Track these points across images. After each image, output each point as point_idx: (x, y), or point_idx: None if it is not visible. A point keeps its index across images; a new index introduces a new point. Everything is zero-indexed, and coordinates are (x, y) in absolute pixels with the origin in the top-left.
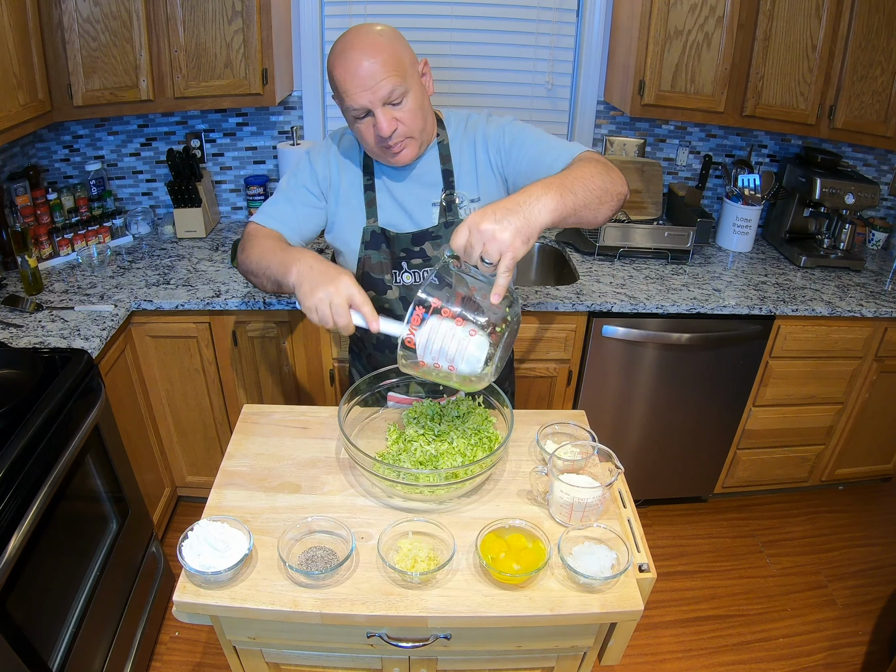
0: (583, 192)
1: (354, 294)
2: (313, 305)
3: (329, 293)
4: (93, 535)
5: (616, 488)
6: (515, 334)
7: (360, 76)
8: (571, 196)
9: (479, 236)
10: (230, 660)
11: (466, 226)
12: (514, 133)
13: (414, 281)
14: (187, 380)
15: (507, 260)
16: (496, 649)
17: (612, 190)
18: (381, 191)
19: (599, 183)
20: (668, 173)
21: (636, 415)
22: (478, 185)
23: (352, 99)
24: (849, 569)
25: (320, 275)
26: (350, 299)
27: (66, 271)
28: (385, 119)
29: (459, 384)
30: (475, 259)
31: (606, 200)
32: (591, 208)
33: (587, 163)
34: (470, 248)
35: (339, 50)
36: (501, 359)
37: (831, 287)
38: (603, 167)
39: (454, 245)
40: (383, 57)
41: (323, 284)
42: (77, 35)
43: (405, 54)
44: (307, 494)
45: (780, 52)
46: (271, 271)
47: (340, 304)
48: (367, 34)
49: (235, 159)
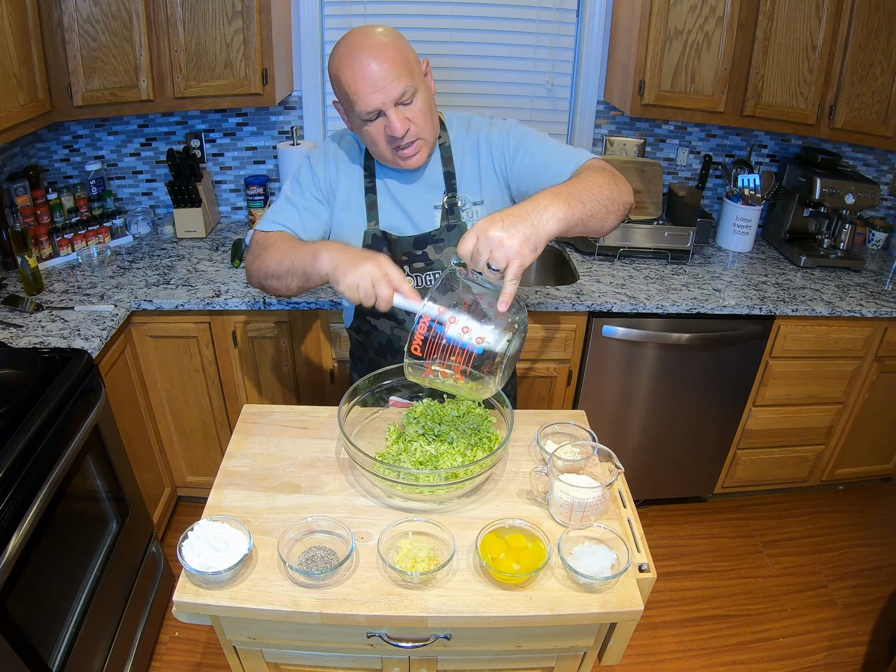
0: (591, 202)
1: (394, 272)
2: (355, 282)
3: (371, 269)
4: (93, 535)
5: (616, 488)
6: (523, 343)
7: (372, 77)
8: (580, 206)
9: (486, 243)
10: (230, 660)
11: (474, 232)
12: (518, 137)
13: (416, 285)
14: (187, 380)
15: (514, 267)
16: (496, 649)
17: (618, 200)
18: (382, 193)
19: (607, 193)
20: (668, 173)
21: (636, 415)
22: (481, 188)
23: (364, 101)
24: (849, 569)
25: (357, 254)
26: (390, 276)
27: (66, 271)
28: (398, 119)
29: (467, 393)
30: (482, 265)
31: (613, 210)
32: (598, 218)
33: (595, 172)
34: (477, 254)
35: (343, 53)
36: (508, 367)
37: (831, 287)
38: (610, 176)
39: (461, 251)
40: (392, 57)
41: (361, 262)
42: (77, 35)
43: (410, 54)
44: (307, 494)
45: (780, 52)
46: (296, 265)
47: (382, 278)
48: (371, 36)
49: (235, 159)
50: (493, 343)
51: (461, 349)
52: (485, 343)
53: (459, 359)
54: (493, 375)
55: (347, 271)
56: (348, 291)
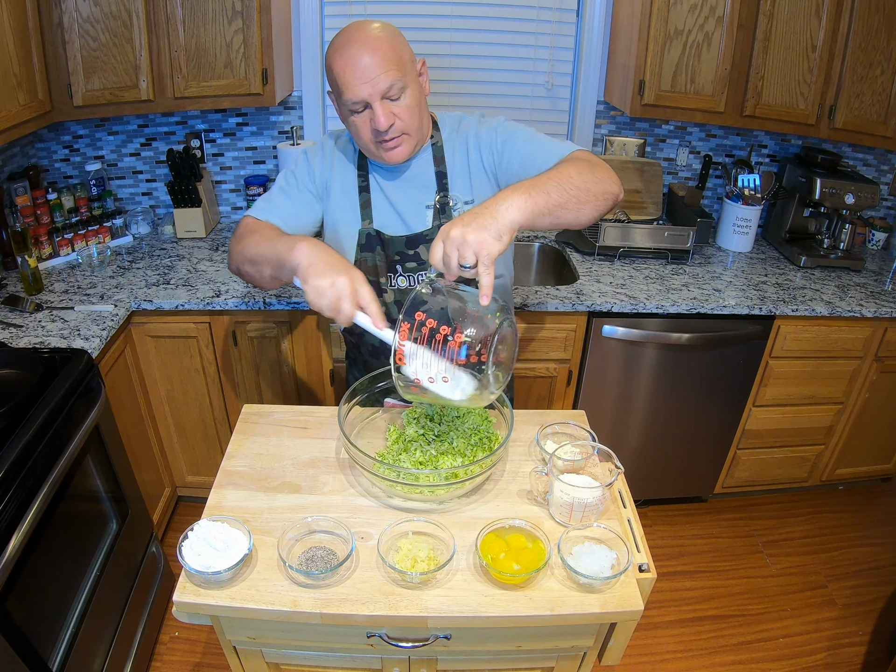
0: (557, 191)
1: (366, 290)
2: (323, 288)
3: (343, 281)
4: (93, 535)
5: (616, 488)
6: (514, 343)
7: (361, 69)
8: (543, 196)
9: (451, 243)
10: (230, 660)
11: (439, 238)
12: (505, 133)
13: (409, 285)
14: (187, 380)
15: (483, 258)
16: (496, 649)
17: (594, 189)
18: (375, 192)
19: (579, 182)
20: (668, 173)
21: (636, 415)
22: (472, 187)
23: (351, 91)
24: (849, 569)
25: (336, 260)
26: (359, 294)
27: (66, 271)
28: (383, 112)
29: (468, 402)
30: (454, 268)
31: (588, 200)
32: (568, 208)
33: (571, 162)
34: (447, 257)
35: (338, 44)
36: (503, 370)
37: (831, 287)
38: (586, 166)
39: (432, 260)
40: (383, 50)
41: (337, 270)
42: (77, 35)
43: (404, 51)
44: (307, 494)
45: (780, 52)
46: (274, 252)
47: (351, 294)
48: (367, 29)
49: (235, 159)
50: (476, 337)
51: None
52: (465, 339)
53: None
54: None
55: (320, 274)
56: (312, 294)
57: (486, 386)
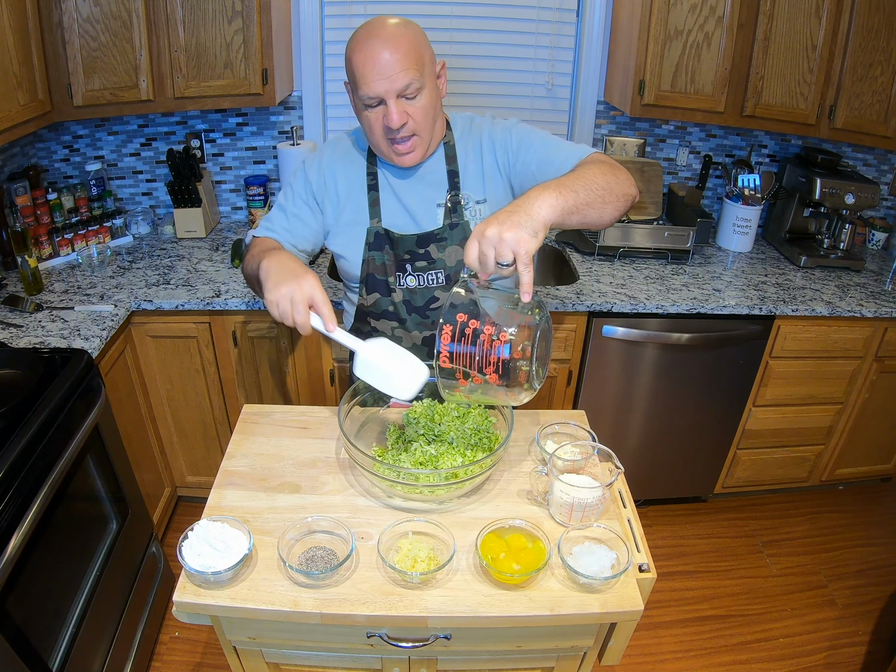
0: (584, 191)
1: (316, 294)
2: (275, 300)
3: (292, 289)
4: (93, 535)
5: (616, 488)
6: (550, 338)
7: (380, 65)
8: (572, 194)
9: (487, 242)
10: (230, 660)
11: (474, 238)
12: (520, 135)
13: (418, 284)
14: (187, 380)
15: (521, 255)
16: (496, 649)
17: (616, 190)
18: (384, 190)
19: (602, 183)
20: (668, 173)
21: (636, 415)
22: (484, 187)
23: (368, 86)
24: (849, 569)
25: (288, 271)
26: (311, 300)
27: (66, 271)
28: (397, 111)
29: (505, 398)
30: (491, 266)
31: (611, 200)
32: (594, 207)
33: (593, 164)
34: (483, 256)
35: (361, 37)
36: (541, 365)
37: (831, 287)
38: (608, 167)
39: (468, 261)
40: (405, 49)
41: (287, 281)
42: (77, 35)
43: (426, 51)
44: (307, 494)
45: (780, 53)
46: (253, 274)
47: (301, 301)
48: (390, 25)
49: (235, 159)
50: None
51: (489, 348)
52: (510, 337)
53: (490, 358)
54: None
55: (274, 287)
56: (269, 307)
57: (530, 381)
